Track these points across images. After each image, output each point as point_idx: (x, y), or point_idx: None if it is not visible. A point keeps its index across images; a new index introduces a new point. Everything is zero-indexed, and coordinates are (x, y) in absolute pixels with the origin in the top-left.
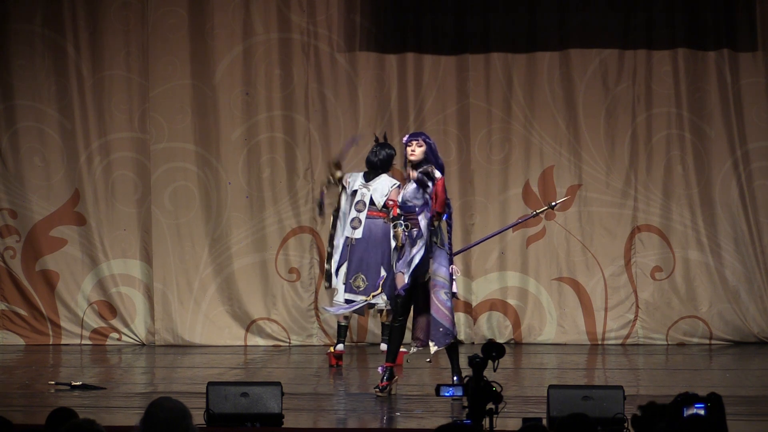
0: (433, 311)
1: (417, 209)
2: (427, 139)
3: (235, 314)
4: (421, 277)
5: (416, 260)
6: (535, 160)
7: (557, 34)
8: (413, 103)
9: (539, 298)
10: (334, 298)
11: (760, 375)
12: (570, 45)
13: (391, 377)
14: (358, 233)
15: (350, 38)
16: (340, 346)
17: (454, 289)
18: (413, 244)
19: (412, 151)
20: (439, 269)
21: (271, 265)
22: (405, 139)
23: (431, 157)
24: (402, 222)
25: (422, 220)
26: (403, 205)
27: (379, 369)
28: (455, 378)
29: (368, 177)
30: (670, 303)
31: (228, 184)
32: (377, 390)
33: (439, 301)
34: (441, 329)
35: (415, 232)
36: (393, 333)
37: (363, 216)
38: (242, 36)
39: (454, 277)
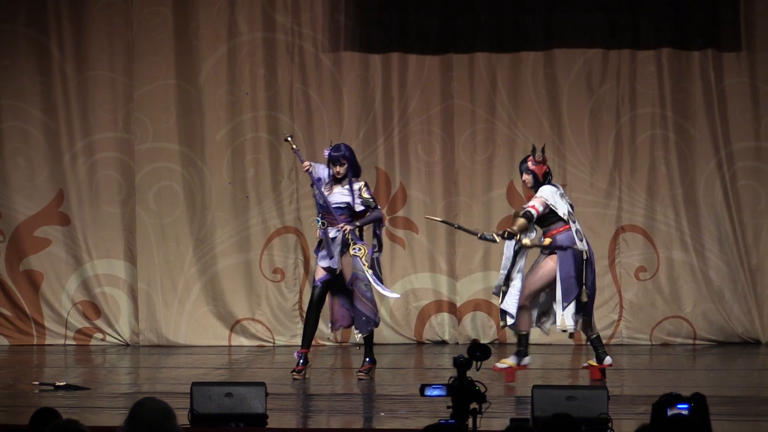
0: (355, 302)
1: (339, 212)
2: (347, 154)
3: (219, 314)
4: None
5: (335, 255)
6: (519, 161)
7: (542, 34)
8: (397, 103)
9: None
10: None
11: (744, 375)
12: (554, 45)
13: (306, 362)
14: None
15: (335, 38)
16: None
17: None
18: (332, 241)
19: (338, 172)
20: (357, 263)
21: (255, 265)
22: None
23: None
24: (319, 219)
25: (342, 222)
26: (326, 207)
27: (295, 354)
28: (367, 360)
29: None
30: (654, 303)
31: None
32: (294, 374)
33: (360, 292)
34: (363, 318)
35: (332, 231)
36: (309, 322)
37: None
38: (227, 36)
39: (374, 270)
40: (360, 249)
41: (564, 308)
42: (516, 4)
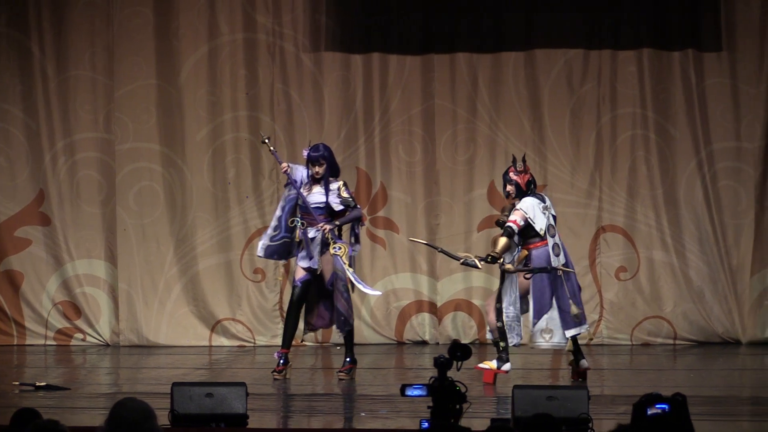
0: (336, 301)
1: (318, 212)
2: (326, 154)
3: (200, 314)
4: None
5: (315, 256)
6: (500, 161)
7: (522, 34)
8: (378, 103)
9: None
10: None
11: (725, 375)
12: (535, 45)
13: (286, 363)
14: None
15: (315, 38)
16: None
17: (357, 282)
18: (311, 241)
19: (317, 173)
20: (338, 262)
21: (236, 265)
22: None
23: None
24: (299, 219)
25: (322, 222)
26: (305, 207)
27: (275, 354)
28: (348, 360)
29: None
30: (634, 303)
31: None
32: (275, 374)
33: (339, 292)
34: (342, 318)
35: (311, 231)
36: (289, 322)
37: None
38: (207, 36)
39: (351, 271)
40: (340, 248)
41: (534, 324)
42: (497, 4)
